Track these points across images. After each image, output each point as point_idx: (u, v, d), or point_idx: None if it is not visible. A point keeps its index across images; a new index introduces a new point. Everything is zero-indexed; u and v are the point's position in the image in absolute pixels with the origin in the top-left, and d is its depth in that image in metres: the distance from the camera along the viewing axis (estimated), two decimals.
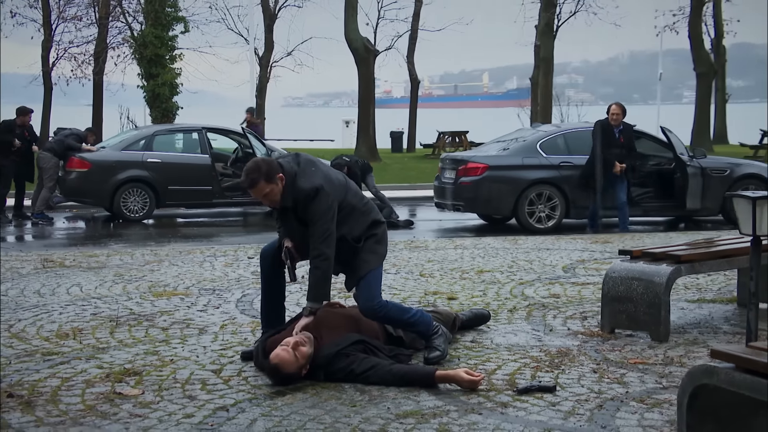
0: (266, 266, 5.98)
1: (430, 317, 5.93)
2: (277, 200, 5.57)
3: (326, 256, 5.52)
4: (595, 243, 11.28)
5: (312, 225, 5.52)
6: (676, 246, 6.88)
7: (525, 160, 13.96)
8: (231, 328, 6.74)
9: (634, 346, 6.11)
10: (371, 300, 5.67)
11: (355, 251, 5.70)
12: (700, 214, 14.52)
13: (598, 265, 9.50)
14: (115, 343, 6.29)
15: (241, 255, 10.54)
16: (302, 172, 5.59)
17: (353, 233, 5.68)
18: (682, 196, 14.05)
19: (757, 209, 5.13)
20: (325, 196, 5.49)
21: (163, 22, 28.07)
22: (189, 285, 8.55)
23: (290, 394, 5.12)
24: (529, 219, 13.71)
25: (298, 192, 5.51)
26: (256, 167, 5.49)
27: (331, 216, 5.52)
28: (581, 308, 7.35)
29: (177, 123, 21.96)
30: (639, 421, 4.61)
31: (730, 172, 14.51)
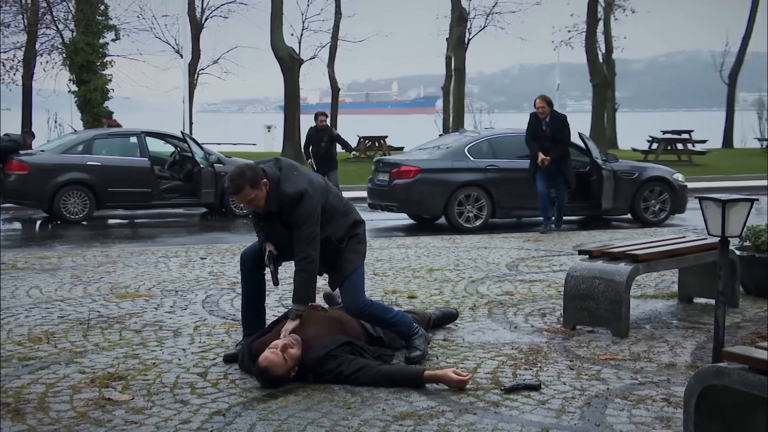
0: (246, 269, 5.64)
1: (410, 318, 5.69)
2: (261, 206, 5.26)
3: (311, 259, 5.23)
4: (527, 241, 11.18)
5: (297, 228, 5.22)
6: (629, 246, 6.76)
7: (454, 163, 13.84)
8: (204, 329, 6.38)
9: (598, 342, 5.96)
10: (357, 298, 5.41)
11: (339, 251, 5.44)
12: (612, 213, 14.58)
13: (539, 263, 9.38)
14: (92, 347, 5.87)
15: (192, 255, 10.11)
16: (285, 176, 5.28)
17: (336, 234, 5.42)
18: (598, 197, 14.10)
19: (727, 212, 5.03)
20: (310, 199, 5.20)
21: (93, 29, 27.14)
22: (150, 286, 8.12)
23: (282, 397, 4.81)
24: (458, 219, 13.58)
25: (283, 197, 5.21)
26: (241, 173, 5.15)
27: (316, 219, 5.25)
28: (537, 305, 7.18)
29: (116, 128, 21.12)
30: (629, 418, 4.44)
31: (638, 174, 14.60)
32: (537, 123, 12.36)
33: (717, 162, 28.25)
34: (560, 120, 12.39)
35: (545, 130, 12.32)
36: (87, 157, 15.81)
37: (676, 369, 5.31)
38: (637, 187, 14.40)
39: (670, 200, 14.59)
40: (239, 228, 14.85)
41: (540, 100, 12.42)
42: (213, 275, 8.70)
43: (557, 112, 12.57)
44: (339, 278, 5.48)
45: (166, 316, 6.83)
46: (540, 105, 12.35)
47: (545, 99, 12.48)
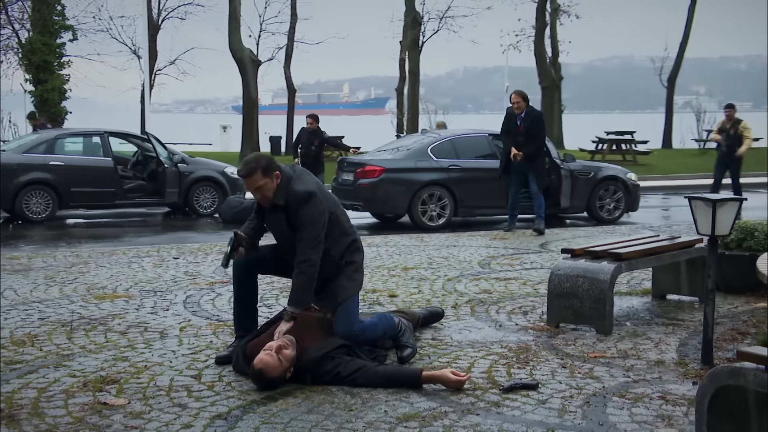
0: (239, 272, 5.44)
1: (390, 317, 5.53)
2: (269, 196, 5.10)
3: (313, 262, 5.05)
4: (494, 239, 11.10)
5: (302, 229, 5.05)
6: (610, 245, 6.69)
7: (418, 163, 13.73)
8: (191, 330, 6.15)
9: (584, 340, 5.87)
10: (350, 326, 5.19)
11: (336, 271, 5.23)
12: (569, 211, 14.59)
13: (510, 261, 9.29)
14: (78, 350, 5.62)
15: (165, 255, 9.84)
16: (297, 176, 5.16)
17: (336, 249, 5.23)
18: (556, 196, 14.09)
19: (716, 211, 4.97)
20: (318, 202, 5.05)
21: (50, 29, 26.55)
22: (127, 287, 7.85)
23: (282, 399, 4.63)
24: (422, 217, 13.48)
25: (292, 194, 5.06)
26: (256, 159, 5.10)
27: (322, 224, 5.08)
28: (517, 303, 7.08)
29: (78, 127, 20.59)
30: (630, 417, 4.34)
31: (594, 174, 14.63)
32: (512, 118, 11.97)
33: (659, 162, 28.58)
34: (535, 116, 11.98)
35: (519, 125, 11.87)
36: (49, 157, 15.39)
37: (665, 366, 5.24)
38: (593, 186, 14.45)
39: (624, 199, 14.64)
40: (204, 227, 14.57)
41: (515, 96, 11.98)
42: (189, 275, 8.46)
43: (533, 108, 12.21)
44: (332, 302, 5.23)
45: (149, 317, 6.59)
46: (515, 100, 11.90)
47: (520, 94, 12.02)
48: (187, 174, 16.02)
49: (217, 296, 7.38)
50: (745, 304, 7.06)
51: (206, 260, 9.41)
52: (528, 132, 11.80)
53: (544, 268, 8.83)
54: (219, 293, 7.51)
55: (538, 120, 11.95)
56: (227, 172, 16.39)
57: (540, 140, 11.99)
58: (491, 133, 14.98)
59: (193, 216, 15.93)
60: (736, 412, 3.64)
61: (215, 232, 13.83)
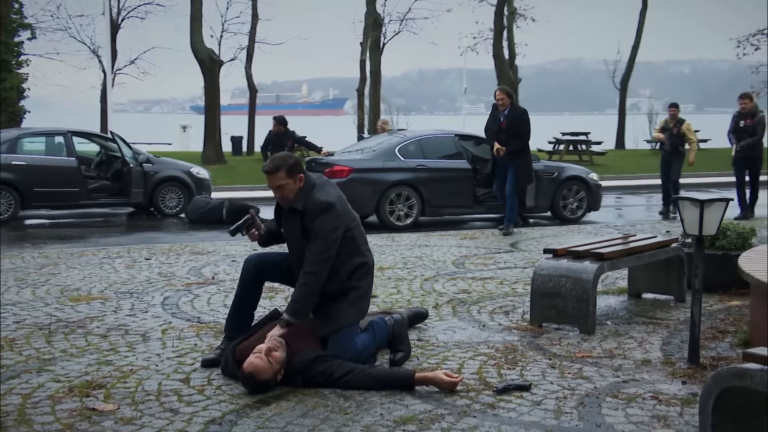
0: (247, 274, 5.28)
1: (383, 323, 5.38)
2: (289, 198, 4.97)
3: (318, 277, 4.89)
4: (464, 239, 11.04)
5: (314, 240, 4.90)
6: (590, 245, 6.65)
7: (385, 163, 13.64)
8: (173, 333, 5.99)
9: (569, 340, 5.82)
10: (347, 353, 4.96)
11: (341, 290, 5.02)
12: (534, 211, 14.60)
13: (483, 260, 9.23)
14: (60, 354, 5.44)
15: (136, 256, 9.62)
16: (321, 186, 5.05)
17: (344, 269, 5.02)
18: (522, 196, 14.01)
19: (704, 212, 4.95)
20: (335, 215, 4.91)
21: (8, 27, 25.91)
22: (102, 288, 7.65)
23: (274, 403, 4.50)
24: (390, 217, 13.39)
25: (311, 201, 4.93)
26: (283, 157, 5.01)
27: (335, 238, 4.92)
28: (497, 303, 7.02)
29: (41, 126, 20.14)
30: (626, 418, 4.28)
31: (557, 174, 14.65)
32: (495, 114, 11.72)
33: (615, 162, 28.82)
34: (518, 114, 11.61)
35: (502, 122, 11.59)
36: (12, 157, 14.98)
37: (652, 365, 5.20)
38: (556, 186, 14.48)
39: (587, 199, 14.69)
40: (170, 227, 14.32)
41: (500, 93, 11.71)
42: (164, 276, 8.27)
43: (518, 105, 11.89)
44: (329, 327, 4.99)
45: (128, 319, 6.41)
46: (500, 97, 11.62)
47: (505, 91, 11.76)
48: (153, 174, 15.74)
49: (195, 297, 7.22)
50: (720, 302, 7.07)
51: (179, 261, 9.22)
52: (510, 129, 11.53)
53: (518, 267, 8.80)
54: (197, 294, 7.35)
55: (521, 117, 11.60)
56: (193, 172, 16.15)
57: (523, 138, 11.65)
58: (458, 134, 14.99)
59: (158, 216, 15.67)
60: (739, 413, 3.61)
61: (182, 232, 13.60)
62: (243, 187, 20.20)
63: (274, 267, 5.34)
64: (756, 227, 8.29)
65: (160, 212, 15.74)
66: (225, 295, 7.32)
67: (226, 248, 10.24)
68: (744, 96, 14.02)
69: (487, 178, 14.60)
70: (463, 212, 14.19)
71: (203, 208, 14.49)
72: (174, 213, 15.72)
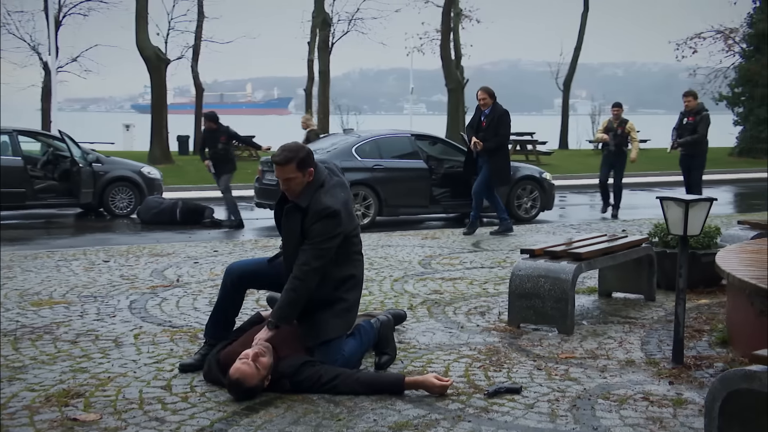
0: (229, 283, 5.08)
1: (369, 327, 5.25)
2: (296, 192, 4.76)
3: (308, 284, 4.72)
4: (425, 239, 10.97)
5: (310, 243, 4.72)
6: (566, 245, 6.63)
7: (342, 163, 13.43)
8: (146, 338, 5.78)
9: (550, 341, 5.76)
10: (334, 362, 4.78)
11: (328, 299, 4.85)
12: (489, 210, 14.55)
13: (449, 261, 9.17)
14: (30, 361, 5.20)
15: (93, 258, 9.34)
16: (330, 187, 4.83)
17: (333, 276, 4.86)
18: None
19: (690, 212, 4.94)
20: (338, 223, 4.73)
21: None
22: (63, 292, 7.39)
23: (263, 410, 4.35)
24: None
25: (317, 202, 4.73)
26: (296, 148, 4.78)
27: (332, 246, 4.75)
28: (471, 304, 6.94)
29: None
30: (621, 420, 4.22)
31: (512, 174, 14.67)
32: (477, 114, 11.55)
33: (560, 162, 29.10)
34: (499, 114, 11.36)
35: (483, 120, 11.40)
36: None
37: (636, 366, 5.17)
38: (511, 185, 14.46)
39: (540, 198, 14.76)
40: (122, 228, 14.00)
41: (481, 92, 11.50)
42: (126, 279, 8.03)
43: (499, 105, 11.56)
44: (315, 337, 4.81)
45: (96, 324, 6.18)
46: (481, 96, 11.43)
47: (486, 90, 11.51)
48: (102, 174, 15.36)
49: (163, 301, 7.01)
50: (688, 301, 7.07)
51: (139, 263, 8.97)
52: (490, 129, 11.33)
53: (485, 267, 8.75)
54: (164, 297, 7.14)
55: (501, 118, 11.38)
56: (144, 172, 15.82)
57: (501, 137, 11.46)
58: (414, 133, 14.94)
59: (107, 217, 15.31)
60: (744, 415, 3.58)
61: (135, 233, 13.29)
62: (193, 187, 19.88)
63: (256, 276, 5.17)
64: (720, 226, 8.37)
65: (110, 213, 15.38)
66: (193, 297, 7.13)
67: (186, 250, 10.02)
68: (687, 94, 13.86)
69: (442, 178, 14.62)
70: (419, 212, 14.15)
71: (156, 209, 14.19)
72: (125, 214, 15.37)
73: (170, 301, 7.00)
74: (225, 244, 10.71)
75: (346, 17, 32.32)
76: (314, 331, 4.82)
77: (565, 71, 40.19)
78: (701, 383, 4.78)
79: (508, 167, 11.86)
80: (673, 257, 7.54)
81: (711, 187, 22.80)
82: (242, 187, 17.26)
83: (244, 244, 10.71)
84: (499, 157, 11.50)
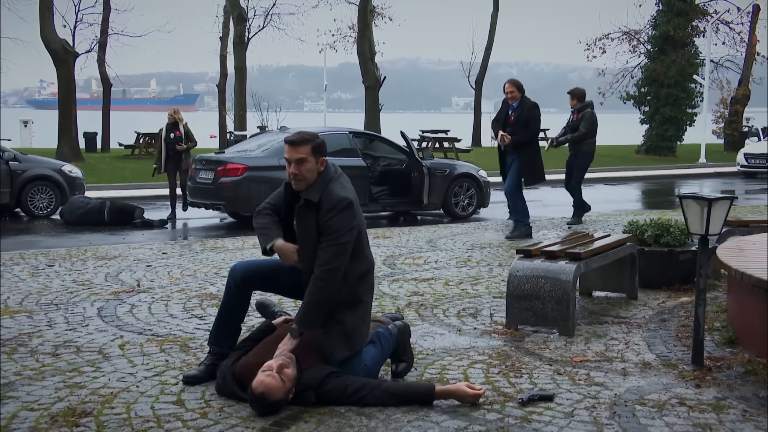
0: (233, 284, 4.77)
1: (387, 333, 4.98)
2: (307, 179, 4.52)
3: (332, 283, 4.46)
4: (377, 238, 10.76)
5: (328, 240, 4.45)
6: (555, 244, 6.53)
7: (281, 161, 12.97)
8: (133, 348, 5.40)
9: (555, 343, 5.64)
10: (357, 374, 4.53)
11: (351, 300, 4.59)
12: (427, 208, 14.52)
13: (411, 260, 8.99)
14: (15, 377, 4.78)
15: (33, 262, 8.79)
16: (338, 178, 4.61)
17: (353, 272, 4.60)
18: (419, 193, 14.00)
19: (712, 211, 4.89)
20: (353, 214, 4.50)
21: None
22: (19, 300, 6.89)
23: (293, 425, 4.07)
24: None
25: (330, 195, 4.47)
26: (313, 135, 4.63)
27: (351, 240, 4.50)
28: (456, 305, 6.77)
29: None
30: (669, 427, 4.07)
31: (449, 171, 14.63)
32: (504, 108, 10.90)
33: (477, 159, 29.26)
34: (528, 107, 10.69)
35: (510, 115, 10.74)
36: None
37: (654, 368, 5.06)
38: (448, 183, 14.44)
39: (477, 195, 14.75)
40: (44, 230, 13.30)
41: (509, 85, 10.79)
42: (81, 285, 7.56)
43: (528, 98, 10.88)
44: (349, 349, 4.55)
45: (71, 334, 5.75)
46: (509, 89, 10.75)
47: (514, 83, 10.81)
48: (20, 172, 14.58)
49: (133, 307, 6.61)
50: (669, 299, 7.10)
51: (87, 267, 8.48)
52: (518, 123, 10.66)
53: (452, 267, 8.61)
54: (132, 304, 6.73)
55: (530, 111, 10.69)
56: (65, 171, 15.11)
57: (531, 132, 10.73)
58: (351, 131, 14.70)
59: (25, 218, 14.54)
60: None
61: (61, 235, 12.63)
62: (111, 186, 19.13)
63: (262, 276, 4.87)
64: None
65: (28, 213, 14.62)
66: (164, 304, 6.74)
67: (132, 252, 9.54)
68: (570, 92, 13.07)
69: (380, 176, 14.45)
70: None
71: (82, 209, 13.53)
72: (45, 214, 14.63)
73: (140, 307, 6.60)
74: (171, 246, 10.25)
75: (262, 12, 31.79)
76: (347, 343, 4.56)
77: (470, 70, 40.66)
78: (729, 386, 4.73)
79: (540, 163, 11.01)
80: (648, 255, 7.57)
81: (619, 184, 23.40)
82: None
83: (192, 245, 10.27)
84: (528, 152, 10.78)
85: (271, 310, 5.63)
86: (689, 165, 30.07)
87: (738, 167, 26.25)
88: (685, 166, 29.59)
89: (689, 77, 32.98)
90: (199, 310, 6.51)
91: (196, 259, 9.05)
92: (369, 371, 4.63)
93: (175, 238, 11.92)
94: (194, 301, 6.84)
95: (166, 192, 14.98)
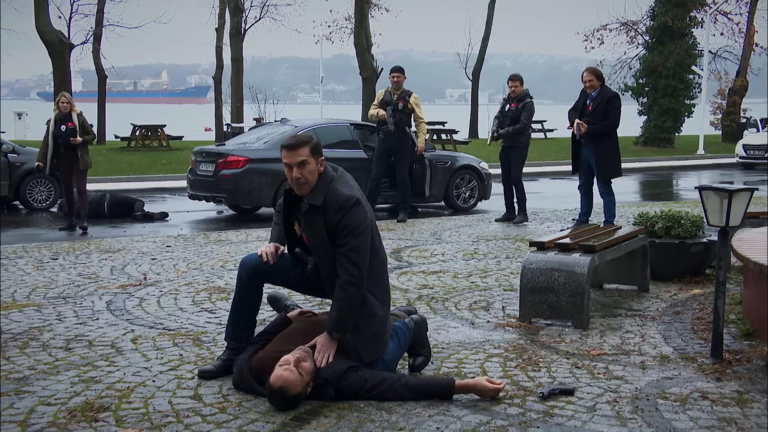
0: (245, 276, 4.71)
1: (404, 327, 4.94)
2: (308, 181, 4.45)
3: (361, 285, 4.42)
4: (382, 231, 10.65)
5: (343, 240, 4.40)
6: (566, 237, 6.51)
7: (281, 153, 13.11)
8: (146, 342, 5.37)
9: (570, 336, 5.62)
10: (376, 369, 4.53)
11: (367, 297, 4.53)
12: (429, 200, 14.48)
13: (418, 253, 8.97)
14: (29, 372, 4.74)
15: (37, 255, 8.75)
16: (340, 177, 4.54)
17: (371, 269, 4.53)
18: (420, 185, 13.96)
19: (733, 202, 4.87)
20: (363, 210, 4.43)
21: None
22: (26, 293, 6.85)
23: (314, 420, 4.04)
24: None
25: (335, 196, 4.41)
26: (309, 136, 4.54)
27: (367, 237, 4.44)
28: (467, 298, 6.75)
29: None
30: (694, 422, 4.04)
31: (451, 163, 14.61)
32: (582, 97, 10.27)
33: (475, 151, 29.23)
34: (608, 97, 10.06)
35: (588, 104, 10.11)
36: None
37: (673, 361, 5.04)
38: (450, 175, 14.41)
39: (478, 187, 14.73)
40: (44, 223, 13.23)
41: (587, 74, 10.16)
42: (88, 278, 7.52)
43: (608, 87, 10.32)
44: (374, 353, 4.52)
45: (82, 328, 5.72)
46: (587, 78, 10.11)
47: (593, 72, 10.20)
48: (19, 165, 14.52)
49: (142, 300, 6.57)
50: (681, 291, 7.09)
51: (92, 260, 8.44)
52: (596, 113, 10.02)
53: (460, 259, 8.59)
54: (141, 297, 6.69)
55: (611, 101, 10.05)
56: None
57: (611, 123, 10.03)
58: (352, 123, 14.65)
59: (24, 211, 14.48)
60: None
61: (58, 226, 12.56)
62: (109, 178, 19.05)
63: (273, 269, 4.83)
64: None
65: (27, 206, 14.56)
66: (173, 297, 6.71)
67: (136, 246, 9.51)
68: (513, 78, 12.03)
69: None
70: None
71: None
72: (44, 207, 14.57)
73: (149, 301, 6.57)
74: (175, 239, 10.20)
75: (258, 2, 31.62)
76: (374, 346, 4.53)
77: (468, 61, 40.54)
78: (751, 379, 4.71)
79: (617, 157, 10.25)
80: (659, 247, 7.56)
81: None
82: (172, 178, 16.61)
83: (195, 238, 10.23)
84: (605, 145, 10.10)
85: (283, 303, 5.60)
86: (687, 156, 30.11)
87: (737, 158, 26.29)
88: (683, 158, 29.63)
89: (687, 68, 32.96)
90: (208, 304, 6.47)
91: (201, 252, 9.01)
92: (387, 365, 4.60)
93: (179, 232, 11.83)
94: (203, 294, 6.81)
95: (166, 185, 14.94)
